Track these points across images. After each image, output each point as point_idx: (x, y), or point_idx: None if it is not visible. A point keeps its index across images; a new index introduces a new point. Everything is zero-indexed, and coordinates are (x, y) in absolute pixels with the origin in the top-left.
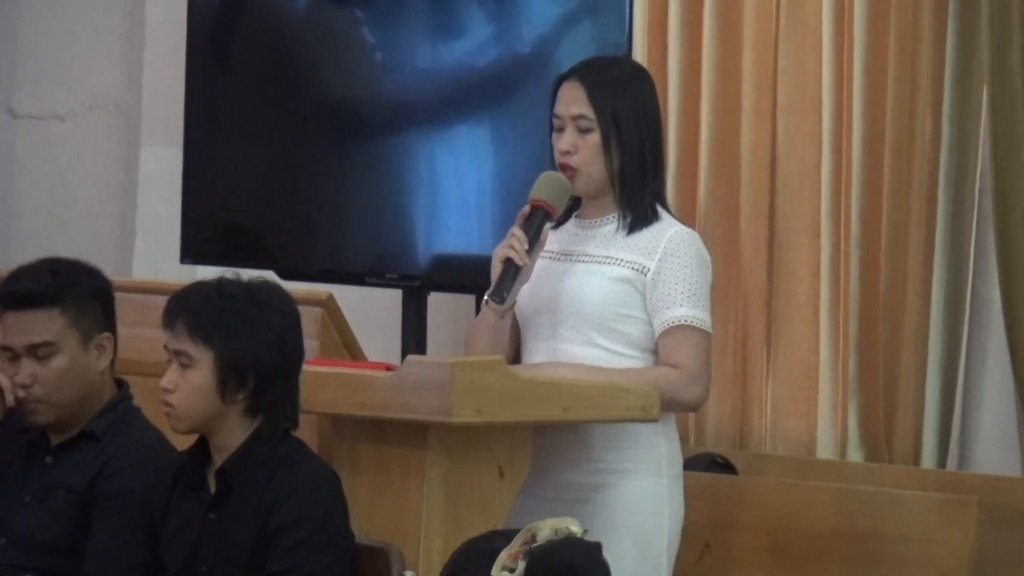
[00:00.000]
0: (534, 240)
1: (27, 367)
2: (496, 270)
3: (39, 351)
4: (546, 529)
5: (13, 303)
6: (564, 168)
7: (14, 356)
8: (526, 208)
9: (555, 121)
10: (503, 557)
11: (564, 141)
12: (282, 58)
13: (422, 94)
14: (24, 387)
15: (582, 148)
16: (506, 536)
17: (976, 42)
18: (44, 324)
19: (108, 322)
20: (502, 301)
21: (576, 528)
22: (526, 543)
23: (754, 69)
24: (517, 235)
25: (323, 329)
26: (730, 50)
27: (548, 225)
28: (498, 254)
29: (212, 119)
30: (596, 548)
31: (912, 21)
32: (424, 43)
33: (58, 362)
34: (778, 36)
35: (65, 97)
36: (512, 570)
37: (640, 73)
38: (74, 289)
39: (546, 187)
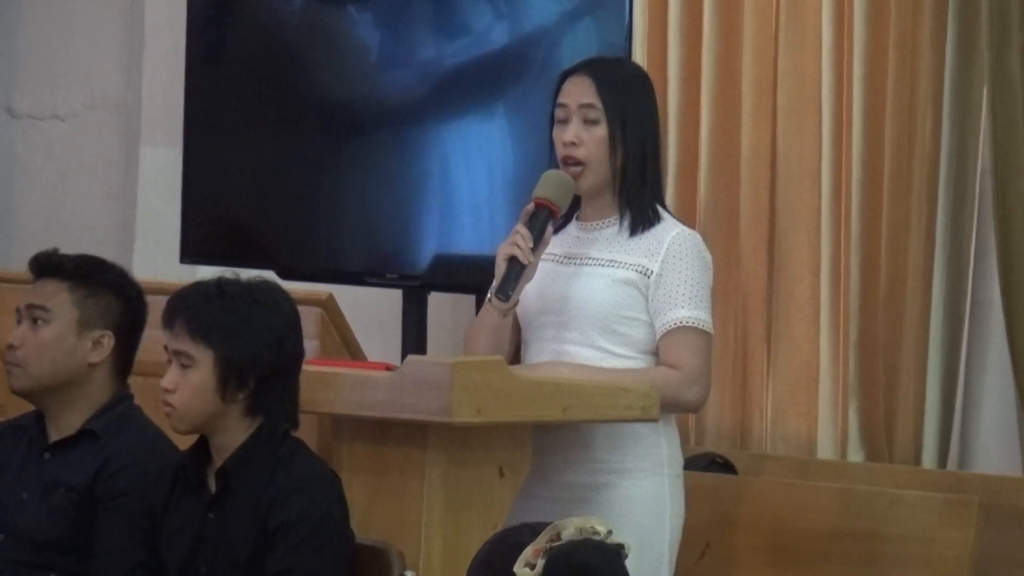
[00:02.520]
0: (538, 238)
1: (21, 328)
2: (500, 268)
3: (34, 313)
4: (571, 528)
5: (36, 269)
6: (568, 160)
7: (20, 320)
8: (530, 206)
9: (559, 112)
10: (527, 553)
11: (569, 132)
12: (281, 58)
13: (421, 93)
14: (10, 347)
15: (588, 140)
16: (534, 530)
17: (976, 42)
18: (50, 291)
19: (120, 326)
20: (507, 299)
21: (602, 528)
22: (550, 540)
23: (754, 69)
24: (522, 233)
25: (323, 329)
26: (730, 50)
27: (551, 224)
28: (502, 252)
29: (212, 119)
30: (616, 551)
31: (912, 21)
32: (422, 41)
33: (47, 332)
34: (778, 36)
35: (65, 97)
36: (533, 567)
37: (645, 77)
38: (93, 275)
39: (550, 185)
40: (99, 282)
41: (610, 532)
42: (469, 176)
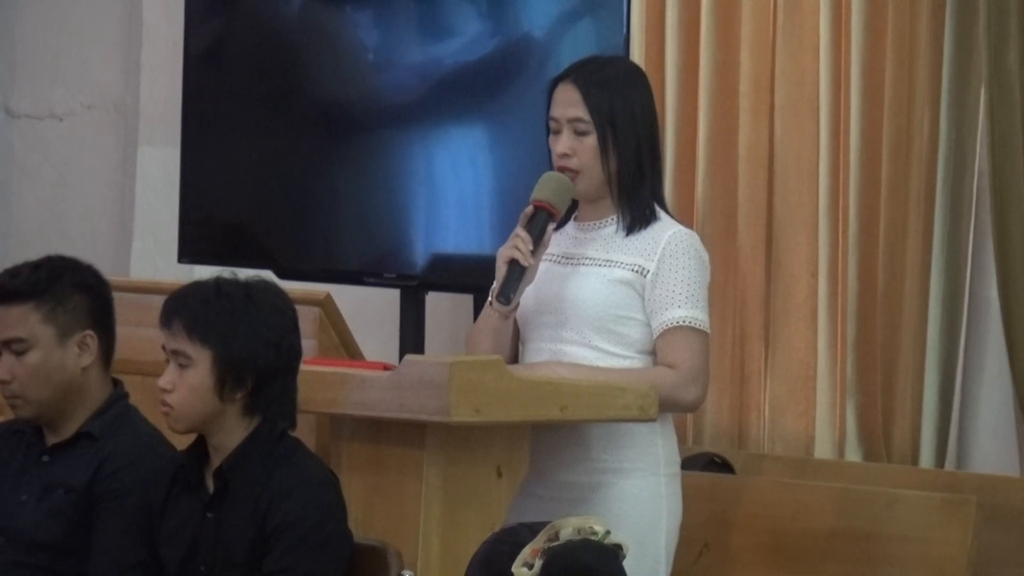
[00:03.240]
0: (538, 240)
1: (6, 362)
2: (501, 271)
3: (14, 346)
4: (569, 527)
5: None
6: (563, 171)
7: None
8: (529, 208)
9: (551, 124)
10: (525, 552)
11: (562, 144)
12: (279, 58)
13: (420, 93)
14: (3, 382)
15: (580, 151)
16: (532, 530)
17: (974, 43)
18: (18, 320)
19: (96, 320)
20: (508, 302)
21: (600, 528)
22: (548, 540)
23: (752, 69)
24: (521, 236)
25: (321, 329)
26: (728, 50)
27: (551, 225)
28: (502, 255)
29: (210, 119)
30: (614, 551)
31: (910, 21)
32: (421, 42)
33: (32, 358)
34: (776, 36)
35: (63, 97)
36: (531, 566)
37: (635, 72)
38: (53, 285)
39: (548, 187)
40: (60, 289)
41: (608, 532)
42: (467, 176)
